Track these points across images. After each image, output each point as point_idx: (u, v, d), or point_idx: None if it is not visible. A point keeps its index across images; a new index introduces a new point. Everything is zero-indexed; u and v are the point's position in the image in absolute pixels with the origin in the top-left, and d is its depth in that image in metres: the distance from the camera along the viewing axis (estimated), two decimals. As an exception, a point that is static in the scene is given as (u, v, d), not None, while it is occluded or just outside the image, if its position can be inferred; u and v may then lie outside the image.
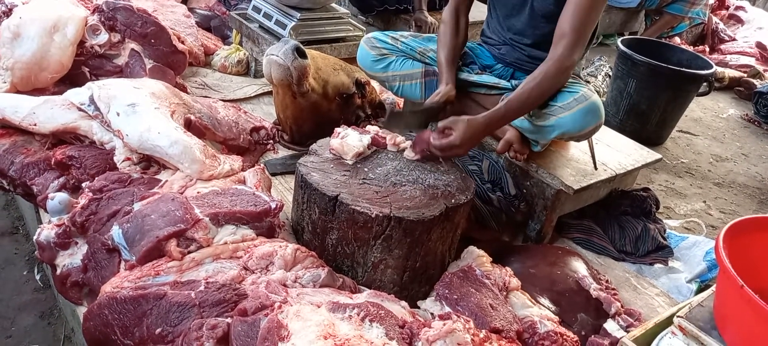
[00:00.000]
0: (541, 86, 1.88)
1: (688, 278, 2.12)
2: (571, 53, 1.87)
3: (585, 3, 1.84)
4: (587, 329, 1.75)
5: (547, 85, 1.89)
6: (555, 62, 1.87)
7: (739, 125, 4.04)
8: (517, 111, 1.91)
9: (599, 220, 2.33)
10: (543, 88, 1.89)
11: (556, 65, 1.87)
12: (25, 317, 2.03)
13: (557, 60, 1.87)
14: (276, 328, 1.26)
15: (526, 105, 1.90)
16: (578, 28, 1.85)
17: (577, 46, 1.87)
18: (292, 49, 2.19)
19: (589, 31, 1.91)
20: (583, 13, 1.84)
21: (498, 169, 2.20)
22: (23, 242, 2.34)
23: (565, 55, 1.86)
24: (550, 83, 1.89)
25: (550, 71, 1.88)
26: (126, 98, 1.96)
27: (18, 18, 2.34)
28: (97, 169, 1.93)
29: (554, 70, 1.87)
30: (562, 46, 1.86)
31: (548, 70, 1.88)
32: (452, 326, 1.37)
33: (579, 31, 1.86)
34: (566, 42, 1.86)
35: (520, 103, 1.89)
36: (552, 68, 1.87)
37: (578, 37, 1.86)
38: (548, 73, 1.87)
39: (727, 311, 1.23)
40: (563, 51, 1.86)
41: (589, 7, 1.84)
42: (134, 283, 1.44)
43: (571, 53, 1.87)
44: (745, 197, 3.04)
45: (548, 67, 1.88)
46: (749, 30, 5.62)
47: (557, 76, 1.89)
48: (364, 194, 1.66)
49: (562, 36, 1.87)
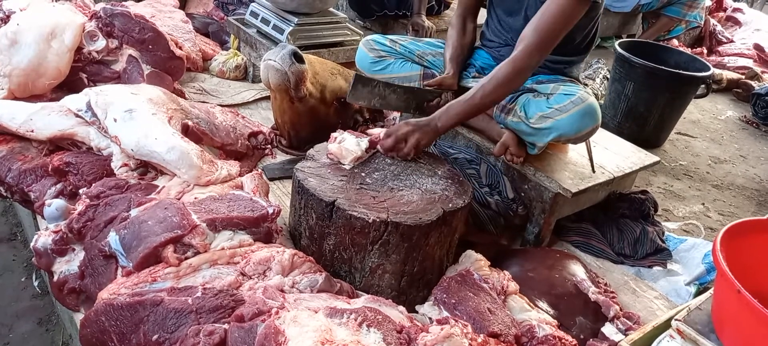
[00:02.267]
0: (490, 85, 1.86)
1: (686, 280, 2.12)
2: (528, 57, 1.85)
3: (551, 10, 1.83)
4: (586, 332, 1.75)
5: (494, 86, 1.86)
6: (509, 64, 1.86)
7: (738, 127, 4.04)
8: (460, 111, 1.88)
9: (597, 223, 2.32)
10: (490, 89, 1.86)
11: (510, 67, 1.85)
12: (23, 323, 2.03)
13: (512, 62, 1.85)
14: (273, 334, 1.26)
15: (473, 103, 1.87)
16: (539, 34, 1.84)
17: (536, 51, 1.85)
18: (289, 54, 2.19)
19: (550, 41, 1.87)
20: (547, 19, 1.83)
21: (496, 172, 2.20)
22: (21, 249, 2.34)
23: (520, 59, 1.85)
24: (499, 84, 1.86)
25: (501, 72, 1.86)
26: (123, 104, 1.96)
27: (15, 24, 2.34)
28: (95, 176, 1.93)
29: (506, 72, 1.85)
30: (519, 49, 1.85)
31: (499, 71, 1.86)
32: (450, 330, 1.37)
33: (539, 37, 1.84)
34: (524, 45, 1.85)
35: (465, 101, 1.87)
36: (504, 69, 1.86)
37: (538, 42, 1.84)
38: (499, 75, 1.86)
39: (724, 314, 1.23)
40: (519, 54, 1.85)
41: (554, 14, 1.82)
42: (131, 289, 1.44)
43: (527, 57, 1.85)
44: (744, 198, 3.04)
45: (500, 68, 1.87)
46: (747, 32, 5.62)
47: (510, 76, 1.86)
48: (361, 199, 1.66)
49: (521, 39, 1.87)
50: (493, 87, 1.86)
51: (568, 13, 1.83)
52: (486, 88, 1.86)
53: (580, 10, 1.85)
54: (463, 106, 1.89)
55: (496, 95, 1.89)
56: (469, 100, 1.88)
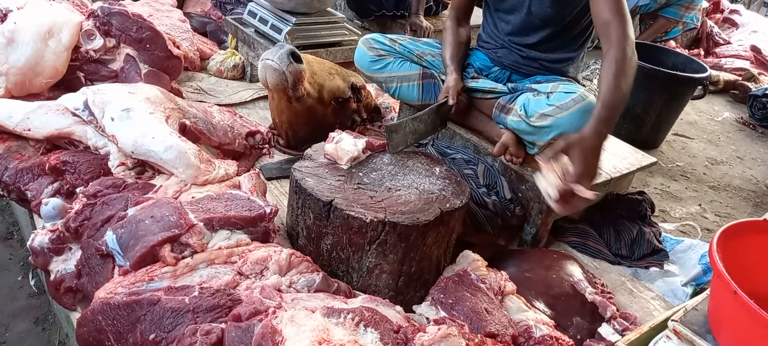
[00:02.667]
0: (621, 71, 1.72)
1: (683, 281, 2.12)
2: (625, 31, 1.76)
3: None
4: (583, 333, 1.75)
5: (622, 67, 1.73)
6: (616, 46, 1.76)
7: (734, 128, 4.06)
8: (614, 104, 1.71)
9: (594, 223, 2.33)
10: (623, 71, 1.73)
11: (619, 47, 1.75)
12: (19, 322, 2.02)
13: (616, 43, 1.76)
14: (270, 333, 1.26)
15: (619, 95, 1.71)
16: (617, 8, 1.79)
17: (626, 23, 1.78)
18: (287, 54, 2.19)
19: (626, 8, 1.82)
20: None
21: (493, 173, 2.20)
22: (18, 248, 2.34)
23: (621, 35, 1.76)
24: (625, 64, 1.73)
25: (618, 55, 1.74)
26: (120, 103, 1.96)
27: (12, 23, 2.34)
28: (92, 175, 1.92)
29: (621, 53, 1.74)
30: (613, 30, 1.77)
31: (616, 55, 1.74)
32: (447, 330, 1.37)
33: (619, 10, 1.79)
34: (615, 25, 1.77)
35: (613, 96, 1.71)
36: (618, 52, 1.74)
37: (622, 15, 1.78)
38: (618, 57, 1.73)
39: (721, 315, 1.23)
40: (617, 32, 1.76)
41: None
42: (128, 288, 1.44)
43: (624, 31, 1.76)
44: (741, 200, 3.05)
45: (614, 53, 1.75)
46: (744, 33, 5.64)
47: (627, 57, 1.74)
48: (358, 199, 1.66)
49: (607, 24, 1.79)
50: (623, 67, 1.73)
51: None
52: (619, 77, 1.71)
53: None
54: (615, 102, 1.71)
55: (629, 74, 1.75)
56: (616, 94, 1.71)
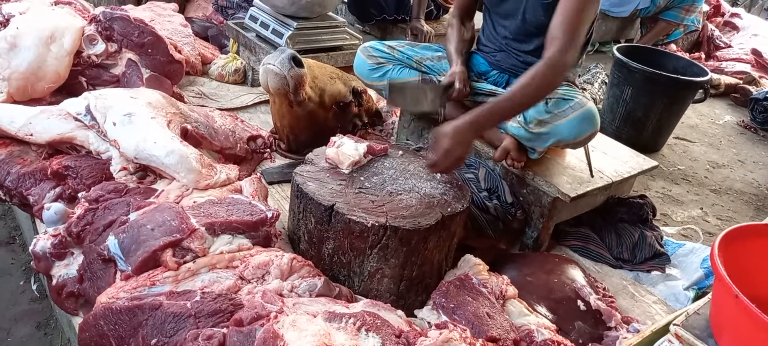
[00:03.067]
0: (530, 86, 1.81)
1: (685, 285, 2.12)
2: (563, 55, 1.81)
3: (574, 6, 1.82)
4: (584, 337, 1.75)
5: (536, 85, 1.81)
6: (546, 63, 1.81)
7: (736, 132, 4.05)
8: (504, 109, 1.83)
9: (596, 227, 2.33)
10: (533, 88, 1.81)
11: (548, 67, 1.81)
12: (21, 327, 2.03)
13: (549, 61, 1.81)
14: (272, 338, 1.26)
15: (514, 105, 1.83)
16: (568, 31, 1.82)
17: (569, 48, 1.82)
18: (288, 58, 2.20)
19: (580, 35, 1.87)
20: (573, 15, 1.82)
21: (494, 177, 2.20)
22: (20, 252, 2.34)
23: (557, 57, 1.81)
24: (540, 84, 1.81)
25: (540, 71, 1.81)
26: (122, 108, 1.96)
27: (15, 28, 2.34)
28: (94, 179, 1.93)
29: (545, 72, 1.81)
30: (554, 49, 1.82)
31: (538, 71, 1.81)
32: (449, 335, 1.37)
33: (569, 34, 1.82)
34: (557, 44, 1.82)
35: (507, 102, 1.82)
36: (543, 69, 1.81)
37: (569, 39, 1.82)
38: (538, 74, 1.80)
39: (722, 319, 1.23)
40: (554, 53, 1.81)
41: (578, 9, 1.82)
42: (130, 293, 1.44)
43: (562, 55, 1.81)
44: (742, 203, 3.04)
45: (538, 68, 1.82)
46: (745, 37, 5.64)
47: (548, 78, 1.81)
48: (360, 203, 1.66)
49: (552, 39, 1.84)
50: (534, 88, 1.81)
51: (588, 5, 1.84)
52: (526, 89, 1.81)
53: (597, 2, 1.87)
54: (504, 107, 1.82)
55: (537, 96, 1.85)
56: (509, 100, 1.82)
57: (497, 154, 2.13)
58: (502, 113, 1.85)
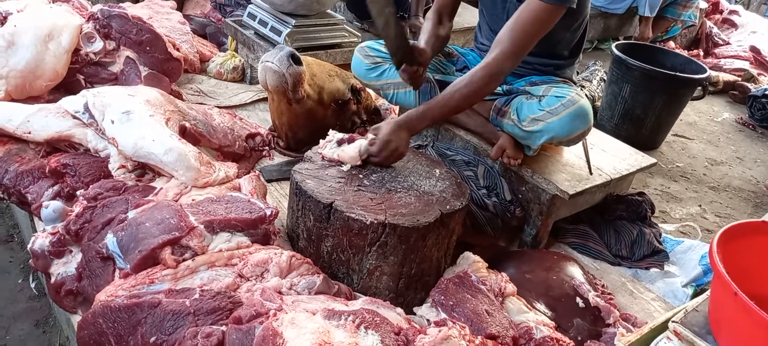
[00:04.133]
0: (464, 89, 1.86)
1: (683, 282, 2.12)
2: (502, 61, 1.85)
3: (525, 16, 1.83)
4: (583, 334, 1.75)
5: (470, 89, 1.86)
6: (484, 68, 1.86)
7: (734, 129, 4.06)
8: (436, 112, 1.89)
9: (595, 224, 2.33)
10: (466, 92, 1.86)
11: (485, 71, 1.85)
12: (19, 325, 2.03)
13: (486, 66, 1.86)
14: (271, 336, 1.26)
15: (449, 105, 1.88)
16: (514, 38, 1.84)
17: (510, 55, 1.85)
18: (287, 56, 2.19)
19: (523, 46, 1.87)
20: (521, 24, 1.83)
21: (493, 174, 2.20)
22: (18, 251, 2.34)
23: (495, 63, 1.85)
24: (475, 88, 1.86)
25: (477, 75, 1.86)
26: (121, 106, 1.96)
27: (12, 26, 2.34)
28: (92, 177, 1.92)
29: (481, 76, 1.85)
30: (494, 53, 1.85)
31: (475, 74, 1.86)
32: (448, 332, 1.37)
33: (514, 41, 1.84)
34: (499, 50, 1.85)
35: (440, 104, 1.88)
36: (479, 73, 1.86)
37: (513, 46, 1.84)
38: (474, 78, 1.86)
39: (721, 316, 1.23)
40: (494, 58, 1.85)
41: (529, 20, 1.82)
42: (129, 291, 1.44)
43: (502, 61, 1.85)
44: (741, 200, 3.05)
45: (476, 71, 1.87)
46: (743, 34, 5.64)
47: (484, 82, 1.86)
48: (358, 201, 1.66)
49: (496, 43, 1.87)
50: (469, 91, 1.87)
51: (541, 18, 1.83)
52: (462, 91, 1.87)
53: (553, 16, 1.85)
54: (439, 107, 1.89)
55: (471, 99, 1.91)
56: (445, 102, 1.89)
57: (493, 152, 2.14)
58: (435, 113, 1.90)
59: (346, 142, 1.90)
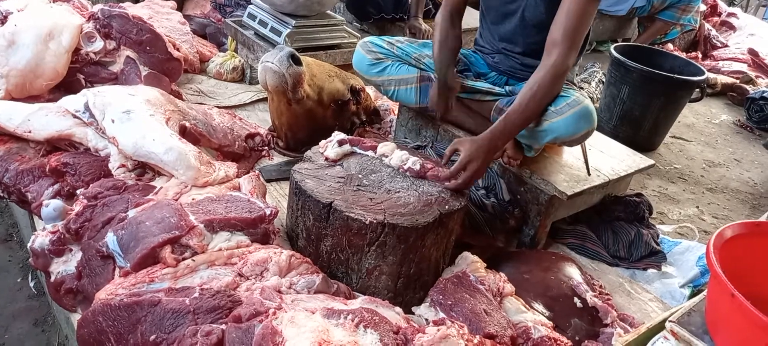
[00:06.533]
0: (537, 95, 1.89)
1: (681, 282, 2.13)
2: (565, 60, 1.88)
3: (576, 10, 1.85)
4: (581, 334, 1.76)
5: (542, 94, 1.90)
6: (549, 70, 1.89)
7: (732, 131, 4.07)
8: (516, 123, 1.91)
9: (593, 225, 2.34)
10: (539, 97, 1.90)
11: (551, 73, 1.89)
12: (19, 324, 2.03)
13: (551, 67, 1.88)
14: (270, 334, 1.26)
15: (525, 115, 1.91)
16: (570, 35, 1.87)
17: (571, 52, 1.89)
18: (287, 56, 2.20)
19: (581, 38, 1.93)
20: (574, 20, 1.86)
21: (492, 175, 2.21)
22: (17, 249, 2.34)
23: (559, 63, 1.88)
24: (546, 91, 1.90)
25: (545, 79, 1.89)
26: (121, 105, 1.97)
27: (13, 25, 2.34)
28: (92, 176, 1.93)
29: (549, 78, 1.89)
30: (556, 54, 1.88)
31: (543, 79, 1.89)
32: (446, 331, 1.38)
33: (571, 38, 1.87)
34: (560, 50, 1.87)
35: (518, 115, 1.90)
36: (547, 76, 1.89)
37: (571, 43, 1.88)
38: (544, 82, 1.89)
39: (718, 316, 1.24)
40: (557, 58, 1.88)
41: (580, 14, 1.86)
42: (129, 290, 1.44)
43: (564, 60, 1.88)
44: (738, 202, 3.06)
45: (543, 76, 1.89)
46: (741, 36, 5.65)
47: (553, 83, 1.90)
48: (358, 200, 1.67)
49: (554, 44, 1.89)
50: (541, 96, 1.90)
51: (589, 11, 1.88)
52: (534, 98, 1.89)
53: (596, 7, 1.91)
54: (517, 119, 1.90)
55: (542, 103, 1.93)
56: (520, 112, 1.89)
57: (494, 153, 2.14)
58: (514, 126, 1.92)
59: (347, 143, 1.91)
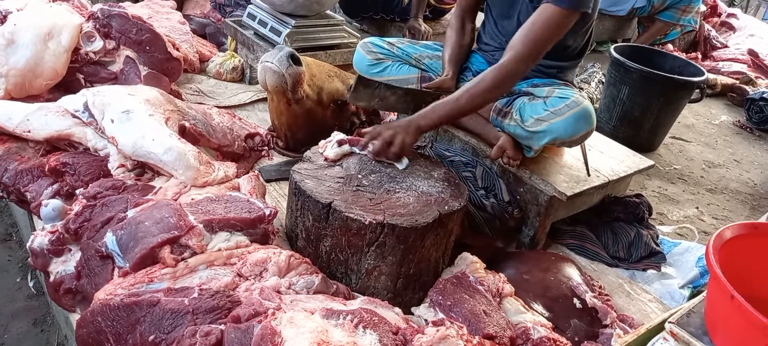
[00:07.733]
0: (471, 90, 1.87)
1: (680, 283, 2.13)
2: (517, 65, 1.86)
3: (539, 24, 1.84)
4: (580, 335, 1.76)
5: (480, 90, 1.87)
6: (496, 70, 1.87)
7: (732, 132, 4.07)
8: (445, 110, 1.89)
9: (592, 226, 2.34)
10: (474, 93, 1.87)
11: (496, 73, 1.87)
12: (18, 324, 2.03)
13: (500, 68, 1.87)
14: (269, 335, 1.26)
15: (457, 106, 1.89)
16: (527, 43, 1.86)
17: (524, 60, 1.87)
18: (286, 56, 2.20)
19: (539, 50, 1.89)
20: (535, 31, 1.85)
21: (491, 175, 2.21)
22: (16, 249, 2.34)
23: (510, 66, 1.86)
24: (484, 89, 1.87)
25: (487, 77, 1.87)
26: (120, 105, 1.97)
27: (12, 25, 2.34)
28: (91, 176, 1.93)
29: (491, 78, 1.87)
30: (508, 56, 1.87)
31: (486, 76, 1.88)
32: (445, 332, 1.38)
33: (528, 46, 1.86)
34: (513, 53, 1.86)
35: (451, 103, 1.89)
36: (490, 75, 1.87)
37: (527, 52, 1.86)
38: (485, 79, 1.87)
39: (717, 317, 1.24)
40: (508, 61, 1.86)
41: (542, 27, 1.84)
42: (128, 290, 1.44)
43: (516, 65, 1.86)
44: (738, 202, 3.06)
45: (488, 73, 1.88)
46: (741, 37, 5.65)
47: (495, 84, 1.87)
48: (357, 201, 1.67)
49: (511, 46, 1.88)
50: (480, 91, 1.88)
51: (557, 23, 1.85)
52: (472, 91, 1.88)
53: (568, 22, 1.87)
54: (447, 107, 1.90)
55: (482, 99, 1.91)
56: (454, 102, 1.89)
57: (493, 153, 2.14)
58: (444, 113, 1.90)
59: (346, 143, 1.91)
